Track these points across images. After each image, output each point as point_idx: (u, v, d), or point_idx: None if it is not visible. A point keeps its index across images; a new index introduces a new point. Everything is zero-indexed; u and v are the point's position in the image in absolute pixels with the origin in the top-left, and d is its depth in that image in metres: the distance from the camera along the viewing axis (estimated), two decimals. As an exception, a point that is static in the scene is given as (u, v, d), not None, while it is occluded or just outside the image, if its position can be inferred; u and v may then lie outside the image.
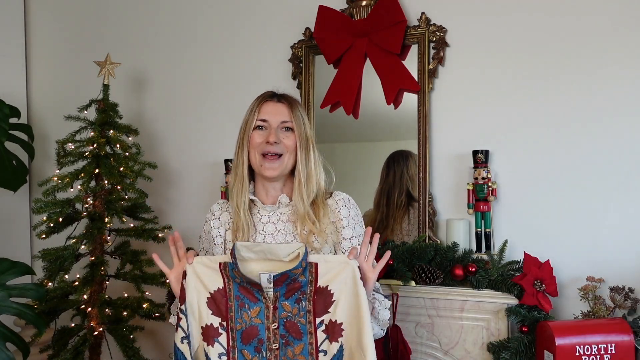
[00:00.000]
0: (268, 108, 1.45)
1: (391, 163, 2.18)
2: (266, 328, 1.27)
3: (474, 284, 1.87)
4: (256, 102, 1.48)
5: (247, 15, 2.52)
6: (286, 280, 1.25)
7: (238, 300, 1.28)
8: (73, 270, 2.31)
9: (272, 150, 1.41)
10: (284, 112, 1.45)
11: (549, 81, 1.97)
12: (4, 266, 1.99)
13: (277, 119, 1.44)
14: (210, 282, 1.29)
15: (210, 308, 1.29)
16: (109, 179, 2.29)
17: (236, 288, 1.28)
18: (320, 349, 1.25)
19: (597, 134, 1.91)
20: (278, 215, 1.46)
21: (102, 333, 2.31)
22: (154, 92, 2.74)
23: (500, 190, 2.02)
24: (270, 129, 1.43)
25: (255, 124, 1.44)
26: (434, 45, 2.13)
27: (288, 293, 1.27)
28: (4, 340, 1.90)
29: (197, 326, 1.29)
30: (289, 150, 1.43)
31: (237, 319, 1.27)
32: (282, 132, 1.44)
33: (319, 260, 1.28)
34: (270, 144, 1.41)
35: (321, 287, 1.26)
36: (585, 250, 1.90)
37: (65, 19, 2.99)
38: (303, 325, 1.26)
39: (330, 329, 1.25)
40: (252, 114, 1.46)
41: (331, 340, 1.25)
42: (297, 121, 1.45)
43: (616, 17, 1.89)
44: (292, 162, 1.45)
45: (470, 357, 1.89)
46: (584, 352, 1.62)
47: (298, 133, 1.44)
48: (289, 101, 1.48)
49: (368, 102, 2.22)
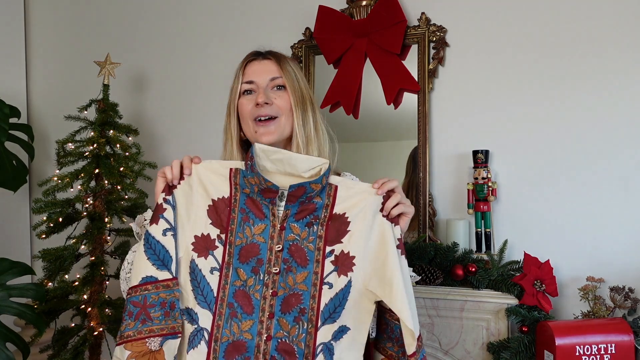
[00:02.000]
0: (253, 68, 1.28)
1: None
2: (268, 249, 1.11)
3: (474, 284, 1.87)
4: (240, 65, 1.30)
5: (247, 15, 2.52)
6: (301, 196, 1.09)
7: (243, 213, 1.12)
8: (73, 270, 2.31)
9: (264, 112, 1.22)
10: (271, 68, 1.27)
11: (549, 81, 1.97)
12: (4, 266, 1.99)
13: (264, 78, 1.25)
14: (214, 189, 1.13)
15: (210, 217, 1.12)
16: (109, 179, 2.29)
17: (243, 199, 1.12)
18: (325, 281, 1.09)
19: (597, 133, 1.91)
20: None
21: (102, 333, 2.30)
22: (154, 92, 2.74)
23: (500, 190, 2.02)
24: (258, 91, 1.24)
25: (242, 89, 1.26)
26: (434, 45, 2.13)
27: (299, 214, 1.11)
28: (4, 340, 1.90)
29: (189, 233, 1.12)
30: (284, 112, 1.24)
31: (238, 233, 1.12)
32: (274, 91, 1.25)
33: (340, 183, 1.12)
34: (261, 105, 1.22)
35: (337, 213, 1.11)
36: (585, 250, 1.90)
37: (65, 19, 2.99)
38: (310, 252, 1.10)
39: (341, 261, 1.09)
40: (237, 79, 1.28)
41: (339, 273, 1.09)
42: (288, 76, 1.26)
43: (617, 17, 1.89)
44: (290, 124, 1.26)
45: (470, 357, 1.89)
46: (584, 352, 1.62)
47: (291, 89, 1.25)
48: (277, 56, 1.30)
49: (368, 102, 2.22)
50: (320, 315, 1.08)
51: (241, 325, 1.08)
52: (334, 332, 1.08)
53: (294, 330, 1.08)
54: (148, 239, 1.10)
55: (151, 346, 1.07)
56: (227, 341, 1.07)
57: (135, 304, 1.08)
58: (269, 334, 1.07)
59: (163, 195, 1.13)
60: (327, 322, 1.08)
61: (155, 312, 1.07)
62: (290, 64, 1.29)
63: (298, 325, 1.08)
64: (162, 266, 1.09)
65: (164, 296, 1.08)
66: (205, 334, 1.08)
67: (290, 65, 1.29)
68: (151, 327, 1.07)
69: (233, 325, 1.08)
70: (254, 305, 1.09)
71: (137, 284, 1.08)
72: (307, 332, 1.08)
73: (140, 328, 1.07)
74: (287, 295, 1.09)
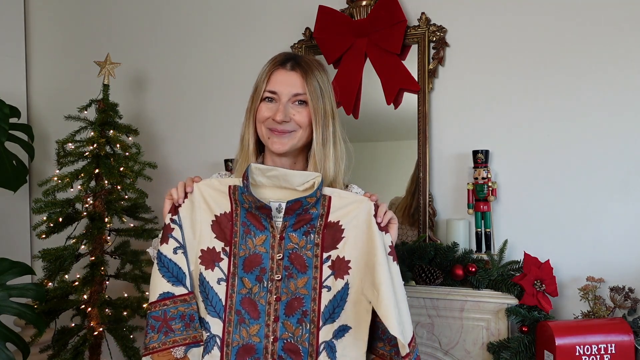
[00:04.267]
0: (279, 77, 1.26)
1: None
2: (270, 258, 1.19)
3: (474, 284, 1.87)
4: (266, 68, 1.28)
5: (247, 15, 2.52)
6: (298, 209, 1.17)
7: (244, 226, 1.20)
8: (73, 270, 2.31)
9: (280, 128, 1.24)
10: (297, 82, 1.25)
11: (549, 81, 1.97)
12: (4, 266, 1.99)
13: (287, 91, 1.24)
14: (216, 205, 1.21)
15: (214, 231, 1.21)
16: (109, 179, 2.29)
17: (243, 214, 1.20)
18: (324, 284, 1.18)
19: (597, 133, 1.91)
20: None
21: (102, 333, 2.31)
22: (154, 92, 2.74)
23: (500, 190, 2.02)
24: (279, 104, 1.24)
25: (263, 95, 1.26)
26: (434, 45, 2.13)
27: (297, 224, 1.19)
28: (4, 340, 1.90)
29: (196, 248, 1.21)
30: (302, 126, 1.25)
31: (241, 245, 1.20)
32: (294, 106, 1.25)
33: (332, 193, 1.20)
34: (278, 122, 1.23)
35: (332, 222, 1.19)
36: (585, 250, 1.90)
37: (65, 19, 2.99)
38: (309, 259, 1.19)
39: (337, 266, 1.18)
40: (261, 82, 1.27)
41: (336, 277, 1.18)
42: (313, 92, 1.24)
43: (617, 18, 1.89)
44: (306, 137, 1.27)
45: (470, 357, 1.89)
46: (584, 352, 1.62)
47: (313, 107, 1.24)
48: (304, 69, 1.26)
49: (368, 102, 2.22)
50: (321, 316, 1.17)
51: (249, 330, 1.18)
52: (334, 331, 1.17)
53: (297, 331, 1.17)
54: (160, 257, 1.19)
55: (176, 354, 1.17)
56: (237, 345, 1.17)
57: (156, 318, 1.16)
58: (275, 336, 1.17)
59: (170, 215, 1.22)
60: (327, 322, 1.17)
61: (176, 324, 1.16)
62: (317, 77, 1.27)
63: (301, 326, 1.17)
64: (177, 282, 1.18)
65: (182, 310, 1.17)
66: (217, 340, 1.18)
67: (316, 79, 1.26)
68: (174, 338, 1.17)
69: (242, 330, 1.17)
70: (260, 310, 1.18)
71: (155, 300, 1.17)
72: (310, 332, 1.17)
73: (164, 340, 1.16)
74: (290, 299, 1.18)
